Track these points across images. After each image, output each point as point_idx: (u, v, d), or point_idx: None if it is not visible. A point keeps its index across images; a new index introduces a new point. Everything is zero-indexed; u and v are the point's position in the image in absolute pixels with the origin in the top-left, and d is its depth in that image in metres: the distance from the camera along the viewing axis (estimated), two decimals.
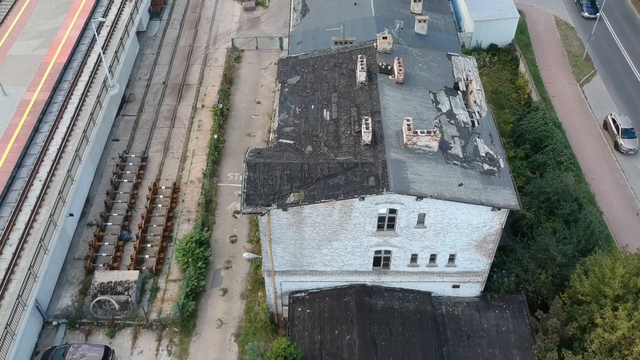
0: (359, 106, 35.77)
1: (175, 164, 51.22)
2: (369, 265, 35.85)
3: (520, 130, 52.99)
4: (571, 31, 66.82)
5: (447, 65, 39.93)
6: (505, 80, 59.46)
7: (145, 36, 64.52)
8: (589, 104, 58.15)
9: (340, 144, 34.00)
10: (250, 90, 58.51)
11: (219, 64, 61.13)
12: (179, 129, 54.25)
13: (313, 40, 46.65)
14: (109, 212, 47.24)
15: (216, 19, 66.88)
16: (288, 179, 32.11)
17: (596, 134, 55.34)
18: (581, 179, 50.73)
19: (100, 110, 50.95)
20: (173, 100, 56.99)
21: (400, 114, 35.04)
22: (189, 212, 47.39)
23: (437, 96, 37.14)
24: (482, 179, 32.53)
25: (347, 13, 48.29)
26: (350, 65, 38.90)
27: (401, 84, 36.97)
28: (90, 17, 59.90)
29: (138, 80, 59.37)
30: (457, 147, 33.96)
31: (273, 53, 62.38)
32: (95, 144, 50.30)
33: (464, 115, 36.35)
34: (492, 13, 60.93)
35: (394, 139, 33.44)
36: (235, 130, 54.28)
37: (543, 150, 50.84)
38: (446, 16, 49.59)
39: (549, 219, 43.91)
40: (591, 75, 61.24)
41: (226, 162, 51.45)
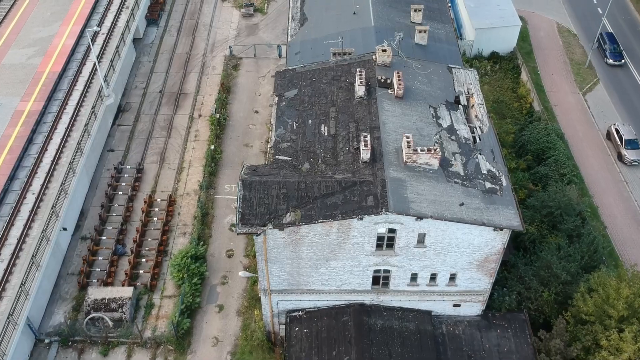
0: (357, 121, 34.92)
1: (171, 175, 50.37)
2: (367, 284, 35.01)
3: (522, 140, 52.12)
4: (573, 38, 65.93)
5: (448, 78, 39.08)
6: (507, 89, 58.62)
7: (142, 43, 63.68)
8: (591, 114, 57.28)
9: (338, 161, 33.16)
10: (248, 99, 57.67)
11: (216, 72, 60.29)
12: (175, 139, 53.40)
13: (311, 51, 45.79)
14: (104, 225, 46.40)
15: (214, 26, 66.03)
16: (284, 197, 31.26)
17: (599, 144, 54.46)
18: (584, 191, 49.86)
19: (95, 120, 50.11)
20: (169, 110, 56.15)
21: (400, 130, 34.19)
22: (185, 225, 46.55)
23: (437, 111, 36.29)
24: (484, 198, 31.67)
25: (346, 23, 47.42)
26: (348, 78, 38.06)
27: (401, 99, 36.12)
28: (86, 24, 59.15)
29: (134, 88, 58.52)
30: (458, 164, 33.10)
31: (271, 61, 61.55)
32: (90, 155, 49.48)
33: (465, 130, 35.49)
34: (493, 21, 60.07)
35: (394, 156, 32.59)
36: (233, 141, 53.43)
37: (545, 162, 49.97)
38: (447, 25, 48.72)
39: (552, 234, 43.07)
40: (594, 84, 60.37)
41: (223, 174, 50.61)
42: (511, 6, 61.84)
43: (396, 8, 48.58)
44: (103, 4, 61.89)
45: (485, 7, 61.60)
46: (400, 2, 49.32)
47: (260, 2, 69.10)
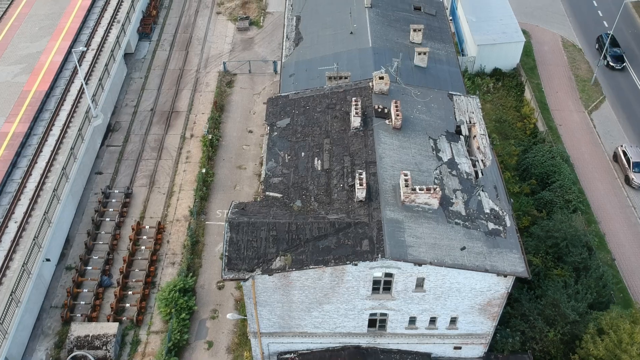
0: (352, 155, 32.99)
1: (160, 200, 48.47)
2: (363, 327, 33.09)
3: (526, 163, 50.18)
4: (578, 53, 63.95)
5: (449, 106, 37.14)
6: (510, 108, 56.65)
7: (134, 58, 61.76)
8: (597, 133, 55.31)
9: (332, 199, 31.23)
10: (242, 117, 55.76)
11: (209, 89, 58.37)
12: (166, 161, 51.49)
13: (306, 73, 43.89)
14: (89, 254, 44.49)
15: (208, 40, 64.10)
16: (274, 240, 29.34)
17: (605, 166, 52.48)
18: (590, 218, 47.91)
19: (82, 143, 48.22)
20: (161, 129, 54.25)
21: (397, 165, 32.26)
22: (174, 254, 44.65)
23: (437, 143, 34.35)
24: (487, 241, 29.73)
25: (343, 43, 45.51)
26: (344, 107, 36.13)
27: (399, 130, 34.18)
28: (75, 39, 57.31)
29: (125, 106, 56.61)
30: (460, 202, 31.17)
31: (267, 77, 59.64)
32: (77, 178, 47.61)
33: (467, 164, 33.56)
34: (496, 37, 58.11)
35: (391, 195, 30.66)
36: (226, 162, 51.51)
37: (550, 187, 48.02)
38: (447, 45, 46.78)
39: (557, 266, 41.18)
40: (600, 102, 58.40)
41: (215, 198, 48.71)
42: (514, 21, 59.88)
43: (395, 27, 46.66)
44: (93, 18, 60.09)
45: (487, 22, 59.65)
46: (399, 21, 47.40)
47: (255, 15, 67.16)
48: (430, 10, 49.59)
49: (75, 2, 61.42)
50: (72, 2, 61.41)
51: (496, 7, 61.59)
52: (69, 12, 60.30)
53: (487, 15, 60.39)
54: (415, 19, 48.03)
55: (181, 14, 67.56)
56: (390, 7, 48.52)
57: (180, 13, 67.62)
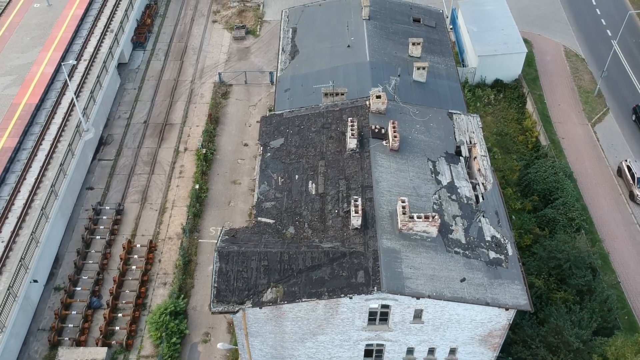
0: (348, 178, 31.74)
1: (153, 216, 47.22)
2: (359, 357, 31.84)
3: (528, 179, 48.88)
4: (581, 63, 62.63)
5: (448, 125, 35.88)
6: (512, 120, 55.36)
7: (127, 68, 60.52)
8: (601, 147, 54.01)
9: (326, 225, 29.98)
10: (238, 130, 54.50)
11: (204, 100, 57.13)
12: (158, 176, 50.26)
13: (302, 88, 42.63)
14: (79, 274, 43.25)
15: (204, 50, 62.85)
16: (265, 271, 28.10)
17: (609, 181, 51.20)
18: (594, 236, 46.60)
19: (73, 158, 47.00)
20: (154, 143, 53.00)
21: (395, 189, 31.00)
22: (166, 274, 43.41)
23: (436, 165, 33.09)
24: (488, 272, 28.48)
25: (340, 56, 44.23)
26: (339, 126, 34.88)
27: (396, 151, 32.93)
28: (67, 49, 56.13)
29: (117, 119, 55.38)
30: (459, 230, 29.91)
31: (263, 88, 58.37)
32: (67, 195, 46.37)
33: (467, 188, 32.30)
34: (497, 47, 56.81)
35: (387, 222, 29.41)
36: (220, 177, 50.26)
37: (553, 204, 46.71)
38: (447, 59, 45.51)
39: (560, 288, 39.93)
40: (603, 114, 57.11)
41: (208, 215, 47.46)
42: (516, 31, 58.56)
43: (393, 40, 45.39)
44: (86, 27, 58.92)
45: (488, 32, 58.36)
46: (398, 34, 46.14)
47: (252, 23, 65.91)
48: (430, 22, 48.34)
49: (68, 11, 60.26)
50: (64, 12, 60.25)
51: (497, 17, 60.30)
52: (61, 22, 59.12)
53: (488, 25, 59.10)
54: (415, 31, 46.77)
55: (176, 22, 66.33)
56: (389, 19, 47.26)
57: (175, 21, 66.39)
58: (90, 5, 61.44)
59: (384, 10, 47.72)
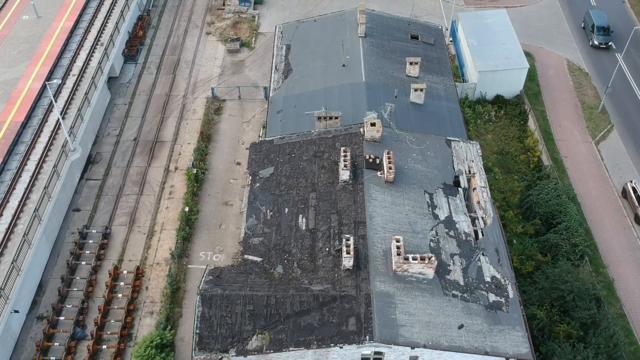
0: (340, 213, 30.13)
1: (141, 240, 45.59)
2: None
3: (530, 202, 47.21)
4: (585, 78, 60.95)
5: (447, 153, 34.27)
6: (513, 138, 53.66)
7: (118, 82, 58.88)
8: (605, 166, 52.31)
9: (316, 265, 28.38)
10: (230, 148, 52.84)
11: (197, 116, 55.49)
12: (148, 197, 48.62)
13: (295, 110, 41.03)
14: (63, 302, 41.60)
15: (197, 63, 61.20)
16: (251, 316, 26.52)
17: (614, 203, 49.49)
18: (598, 261, 44.91)
19: (58, 180, 45.37)
20: (143, 161, 51.37)
21: (389, 225, 29.38)
22: (153, 302, 41.77)
23: (433, 197, 31.46)
24: (487, 317, 26.87)
25: (335, 76, 42.62)
26: (332, 155, 33.27)
27: (391, 183, 31.32)
28: (56, 64, 54.52)
29: (107, 136, 53.74)
30: (457, 270, 28.30)
31: (257, 104, 56.69)
32: (52, 217, 44.74)
33: (466, 223, 30.67)
34: (498, 63, 55.10)
35: (381, 262, 27.80)
36: (211, 198, 48.62)
37: (555, 229, 45.02)
38: (446, 78, 43.91)
39: (563, 321, 38.28)
40: (607, 131, 55.42)
41: (198, 238, 45.82)
42: (518, 46, 56.86)
43: (390, 59, 43.77)
44: (76, 40, 57.29)
45: (489, 47, 56.66)
46: (395, 52, 44.52)
47: (247, 36, 64.27)
48: (429, 39, 46.72)
49: (57, 23, 58.67)
50: (53, 24, 58.65)
51: (499, 30, 58.61)
52: (50, 34, 57.53)
53: (489, 39, 57.41)
54: (413, 49, 45.17)
55: (169, 34, 64.71)
56: (386, 36, 45.66)
57: (168, 33, 64.76)
58: (80, 17, 59.84)
59: (380, 27, 46.10)
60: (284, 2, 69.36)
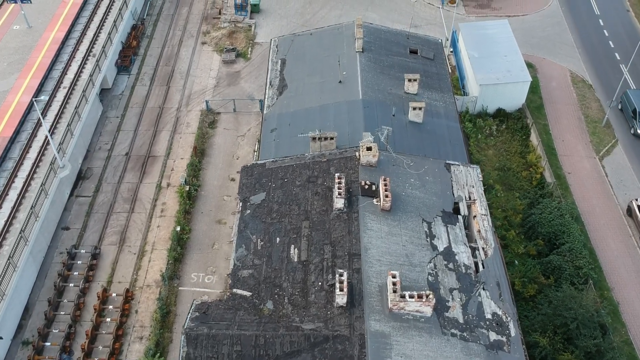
0: (334, 244, 28.77)
1: (131, 261, 44.26)
2: None
3: (532, 221, 45.79)
4: (589, 90, 59.52)
5: (446, 178, 32.89)
6: (515, 154, 52.25)
7: (110, 94, 57.53)
8: (609, 183, 50.89)
9: (308, 301, 27.02)
10: (224, 163, 51.50)
11: (190, 130, 54.13)
12: (139, 215, 47.29)
13: (289, 128, 39.68)
14: (49, 327, 40.28)
15: (191, 74, 59.83)
16: (238, 357, 25.17)
17: (619, 222, 48.04)
18: (603, 284, 43.52)
19: (46, 198, 44.06)
20: (135, 177, 50.01)
21: (385, 257, 28.02)
22: (142, 327, 40.45)
23: (432, 227, 30.10)
24: (488, 357, 25.52)
25: (331, 93, 41.26)
26: (326, 181, 31.90)
27: (388, 212, 29.94)
28: (46, 76, 53.19)
29: (98, 150, 52.40)
30: (457, 306, 26.93)
31: (252, 117, 55.33)
32: (40, 237, 43.43)
33: (466, 254, 29.30)
34: (500, 75, 53.68)
35: (376, 299, 26.44)
36: (204, 216, 47.28)
37: (558, 250, 43.63)
38: (446, 95, 42.55)
39: (567, 349, 36.90)
40: (612, 146, 53.98)
41: (190, 259, 44.48)
42: (520, 58, 55.43)
43: (388, 74, 42.40)
44: (68, 51, 55.90)
45: (491, 59, 55.23)
46: (393, 67, 43.14)
47: (243, 46, 62.90)
48: (428, 54, 45.34)
49: (49, 34, 57.31)
50: (45, 34, 57.29)
51: (500, 42, 57.17)
52: (41, 45, 56.17)
53: (491, 51, 55.98)
54: (411, 64, 43.81)
55: (164, 44, 63.33)
56: (384, 50, 44.29)
57: (163, 43, 63.38)
58: (72, 27, 58.49)
59: (378, 41, 44.73)
60: (281, 11, 68.02)
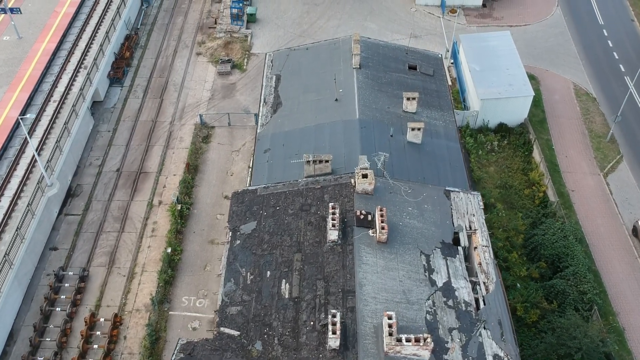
0: (327, 279, 27.36)
1: (120, 283, 42.85)
2: None
3: (535, 242, 44.35)
4: (592, 103, 58.04)
5: (445, 206, 31.45)
6: (517, 171, 50.77)
7: (102, 107, 56.12)
8: (614, 201, 49.39)
9: (299, 342, 25.59)
10: (218, 180, 50.08)
11: (184, 144, 52.71)
12: (129, 234, 45.87)
13: (283, 149, 38.27)
14: (34, 354, 38.86)
15: (185, 86, 58.41)
16: None
17: (624, 243, 46.58)
18: (608, 308, 42.07)
19: (33, 219, 42.67)
20: (126, 195, 48.60)
21: (381, 295, 26.60)
22: (131, 354, 39.05)
23: (430, 260, 28.67)
24: None
25: (327, 111, 39.83)
26: (320, 209, 30.48)
27: (384, 244, 28.52)
28: (36, 89, 51.84)
29: (88, 166, 50.99)
30: (456, 348, 25.50)
31: (247, 131, 53.88)
32: (26, 259, 42.05)
33: (466, 290, 27.87)
34: (501, 90, 52.21)
35: (371, 340, 25.01)
36: (196, 236, 45.87)
37: (562, 273, 42.20)
38: (446, 114, 41.11)
39: None
40: (617, 162, 52.51)
41: (181, 282, 43.07)
42: (522, 71, 53.95)
43: (386, 92, 40.97)
44: (58, 63, 54.53)
45: (492, 72, 53.75)
46: (392, 84, 41.70)
47: (239, 57, 61.45)
48: (427, 70, 43.91)
49: (39, 45, 55.94)
50: (35, 45, 55.93)
51: (502, 54, 55.68)
52: (32, 57, 54.80)
53: (492, 64, 54.51)
54: (410, 81, 42.37)
55: (158, 54, 61.90)
56: (382, 67, 42.85)
57: (157, 53, 61.95)
58: (64, 38, 57.12)
59: (376, 57, 43.31)
60: (278, 21, 66.60)
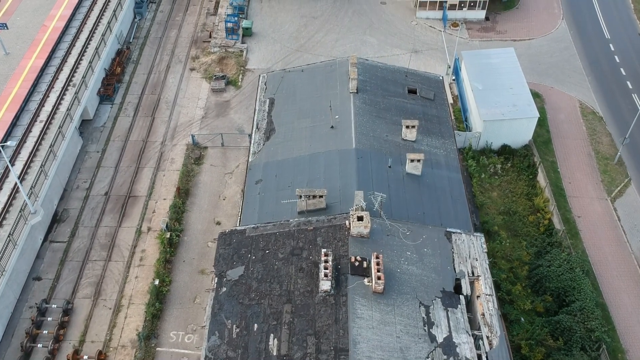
0: (319, 335, 25.43)
1: (106, 316, 40.95)
2: None
3: (539, 274, 42.43)
4: (599, 123, 56.05)
5: (446, 250, 29.50)
6: (521, 195, 48.81)
7: (92, 127, 54.21)
8: (622, 228, 47.43)
9: None
10: (210, 204, 48.16)
11: (175, 166, 50.80)
12: (116, 264, 43.96)
13: (276, 180, 36.36)
14: None
15: (178, 104, 56.47)
16: None
17: (633, 273, 44.62)
18: (616, 344, 40.14)
19: (15, 249, 40.82)
20: (114, 220, 46.69)
21: (376, 354, 24.67)
22: None
23: (430, 312, 26.73)
24: None
25: (322, 139, 37.89)
26: (312, 254, 28.55)
27: (380, 294, 26.60)
28: (22, 108, 50.02)
29: (75, 189, 49.08)
30: None
31: (241, 152, 51.93)
32: (8, 291, 40.22)
33: (468, 345, 25.93)
34: (505, 111, 50.22)
35: None
36: (186, 266, 43.97)
37: (568, 308, 40.27)
38: (447, 141, 39.16)
39: None
40: (625, 186, 50.52)
41: (170, 315, 41.16)
42: (527, 91, 51.94)
43: (385, 118, 39.04)
44: (46, 80, 52.68)
45: (495, 91, 51.77)
46: (390, 110, 39.76)
47: (234, 73, 59.52)
48: (428, 94, 41.97)
49: (27, 61, 54.06)
50: (22, 62, 54.06)
51: (506, 72, 53.70)
52: (18, 74, 52.95)
53: (495, 83, 52.53)
54: (410, 106, 40.45)
55: (150, 70, 59.97)
56: (381, 90, 40.93)
57: (149, 69, 60.01)
58: (52, 53, 55.24)
59: (374, 80, 41.38)
60: (274, 35, 64.65)
